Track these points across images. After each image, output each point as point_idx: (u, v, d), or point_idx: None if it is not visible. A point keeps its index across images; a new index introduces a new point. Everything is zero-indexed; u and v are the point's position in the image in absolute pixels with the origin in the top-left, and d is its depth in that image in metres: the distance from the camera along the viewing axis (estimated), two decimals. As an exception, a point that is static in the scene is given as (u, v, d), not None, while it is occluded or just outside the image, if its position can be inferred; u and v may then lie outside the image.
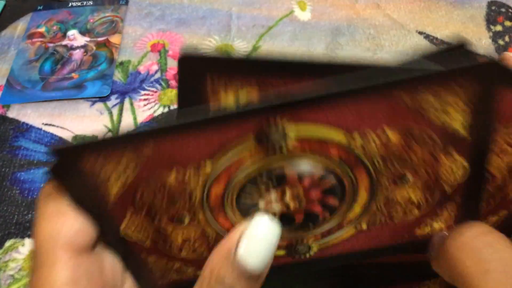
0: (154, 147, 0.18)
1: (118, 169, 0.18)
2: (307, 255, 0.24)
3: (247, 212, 0.22)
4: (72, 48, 0.55)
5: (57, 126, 0.49)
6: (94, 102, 0.51)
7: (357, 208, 0.22)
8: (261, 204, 0.21)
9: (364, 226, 0.23)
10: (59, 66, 0.53)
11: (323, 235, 0.23)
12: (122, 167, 0.18)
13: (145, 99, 0.51)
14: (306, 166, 0.20)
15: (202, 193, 0.20)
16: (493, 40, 0.57)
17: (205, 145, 0.18)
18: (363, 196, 0.22)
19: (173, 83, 0.53)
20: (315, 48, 0.56)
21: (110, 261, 0.21)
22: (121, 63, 0.54)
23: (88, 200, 0.19)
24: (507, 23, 0.59)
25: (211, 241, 0.23)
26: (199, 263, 0.22)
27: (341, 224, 0.23)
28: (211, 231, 0.22)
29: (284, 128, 0.18)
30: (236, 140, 0.19)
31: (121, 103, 0.51)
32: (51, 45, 0.56)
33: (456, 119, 0.18)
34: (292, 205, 0.21)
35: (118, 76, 0.53)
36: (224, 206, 0.21)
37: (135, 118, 0.49)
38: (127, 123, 0.49)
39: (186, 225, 0.22)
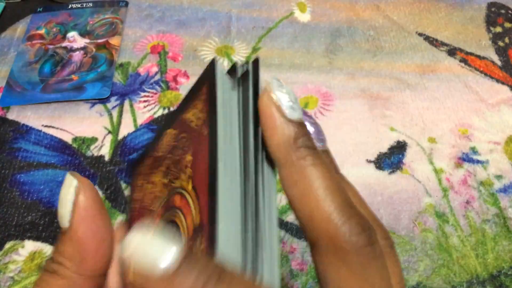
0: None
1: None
2: None
3: None
4: (71, 50, 0.55)
5: (57, 128, 0.48)
6: (94, 104, 0.51)
7: None
8: None
9: None
10: (58, 68, 0.53)
11: None
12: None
13: (145, 101, 0.51)
14: None
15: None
16: (493, 42, 0.57)
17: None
18: None
19: (173, 84, 0.52)
20: (315, 49, 0.56)
21: None
22: (121, 65, 0.54)
23: None
24: (507, 25, 0.59)
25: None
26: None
27: None
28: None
29: None
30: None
31: (121, 104, 0.51)
32: (50, 47, 0.56)
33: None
34: None
35: (118, 77, 0.53)
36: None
37: (135, 120, 0.49)
38: (127, 125, 0.49)
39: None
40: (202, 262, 0.15)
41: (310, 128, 0.22)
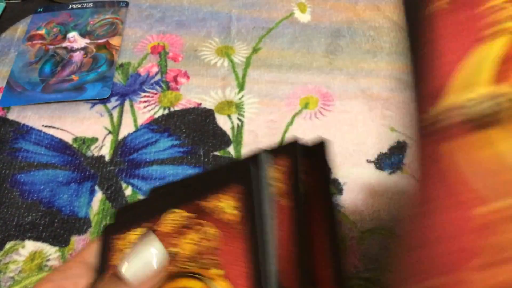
0: None
1: None
2: None
3: None
4: (72, 50, 0.55)
5: (57, 128, 0.49)
6: (94, 104, 0.51)
7: None
8: None
9: None
10: (59, 68, 0.54)
11: None
12: None
13: (145, 101, 0.51)
14: None
15: None
16: (492, 42, 0.57)
17: None
18: None
19: (173, 85, 0.53)
20: (315, 50, 0.56)
21: None
22: (121, 65, 0.54)
23: None
24: (507, 25, 0.59)
25: None
26: None
27: None
28: None
29: None
30: None
31: (121, 105, 0.51)
32: (51, 47, 0.56)
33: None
34: None
35: (118, 78, 0.53)
36: None
37: (135, 120, 0.49)
38: (127, 125, 0.49)
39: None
40: None
41: None
